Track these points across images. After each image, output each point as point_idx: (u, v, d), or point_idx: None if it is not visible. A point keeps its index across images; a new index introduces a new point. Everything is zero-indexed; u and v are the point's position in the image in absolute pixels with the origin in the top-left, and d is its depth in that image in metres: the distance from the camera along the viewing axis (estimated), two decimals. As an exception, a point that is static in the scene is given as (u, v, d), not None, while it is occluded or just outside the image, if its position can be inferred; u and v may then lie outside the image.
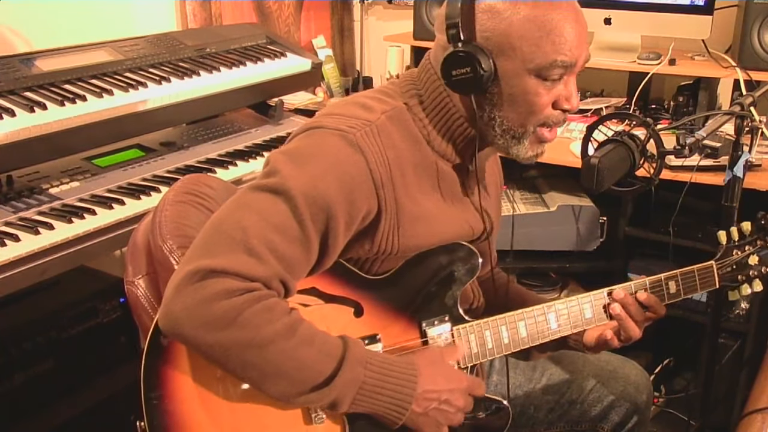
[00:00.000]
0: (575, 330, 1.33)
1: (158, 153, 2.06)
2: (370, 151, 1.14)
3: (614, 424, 1.49)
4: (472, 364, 1.28)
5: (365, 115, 1.18)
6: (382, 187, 1.14)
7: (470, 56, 1.13)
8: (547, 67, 1.13)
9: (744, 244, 1.41)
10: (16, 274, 1.49)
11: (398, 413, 1.14)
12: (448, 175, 1.25)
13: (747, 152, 1.58)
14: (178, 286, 1.05)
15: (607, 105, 2.53)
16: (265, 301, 1.06)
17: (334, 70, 3.10)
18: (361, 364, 1.11)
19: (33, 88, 1.78)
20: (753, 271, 1.40)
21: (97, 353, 1.92)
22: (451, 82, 1.16)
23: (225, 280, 1.04)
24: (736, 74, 2.28)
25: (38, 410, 1.80)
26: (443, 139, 1.23)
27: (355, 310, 1.22)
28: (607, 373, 1.51)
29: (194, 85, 2.05)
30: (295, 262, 1.10)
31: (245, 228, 1.07)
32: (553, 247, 2.40)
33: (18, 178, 1.79)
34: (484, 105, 1.18)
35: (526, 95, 1.15)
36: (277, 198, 1.09)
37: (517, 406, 1.50)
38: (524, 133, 1.19)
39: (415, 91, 1.23)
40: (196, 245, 1.09)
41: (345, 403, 1.11)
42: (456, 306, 1.27)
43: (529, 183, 2.60)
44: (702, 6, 2.35)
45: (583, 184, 1.41)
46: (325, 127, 1.15)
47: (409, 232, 1.20)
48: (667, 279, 1.36)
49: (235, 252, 1.05)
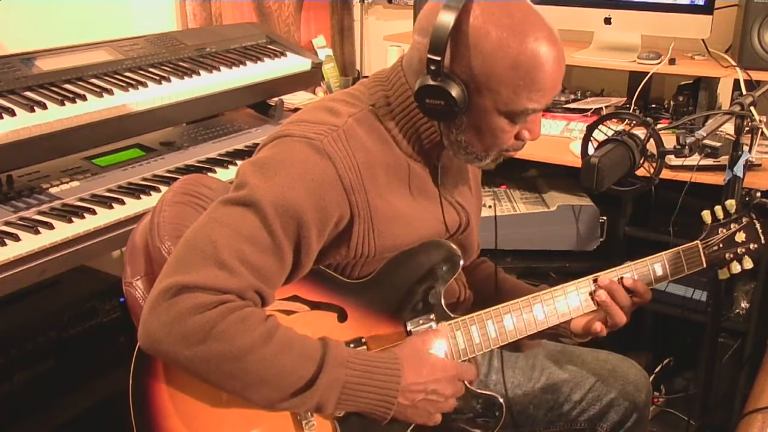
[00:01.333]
0: (562, 320, 1.33)
1: (158, 153, 2.06)
2: (338, 156, 1.14)
3: (613, 423, 1.49)
4: (462, 359, 1.28)
5: (332, 120, 1.18)
6: (352, 191, 1.15)
7: (446, 92, 1.12)
8: (519, 114, 1.16)
9: (729, 222, 1.40)
10: (16, 273, 1.49)
11: (385, 408, 1.15)
12: (418, 173, 1.26)
13: (747, 152, 1.58)
14: (152, 303, 1.06)
15: (607, 105, 2.53)
16: (239, 311, 1.06)
17: (334, 70, 3.10)
18: (342, 365, 1.12)
19: (33, 88, 1.79)
20: (741, 248, 1.39)
21: (97, 353, 1.92)
22: (424, 107, 1.16)
23: (197, 295, 1.04)
24: (736, 74, 2.28)
25: (38, 410, 1.80)
26: (409, 142, 1.23)
27: (339, 315, 1.23)
28: (606, 372, 1.51)
29: (194, 84, 2.06)
30: (268, 272, 1.10)
31: (215, 242, 1.07)
32: (553, 247, 2.40)
33: (18, 177, 1.79)
34: (451, 128, 1.20)
35: (492, 131, 1.18)
36: (246, 210, 1.10)
37: (516, 405, 1.50)
38: (486, 156, 1.22)
39: (383, 93, 1.23)
40: (169, 262, 1.10)
41: (330, 404, 1.11)
42: (440, 303, 1.27)
43: (529, 183, 2.60)
44: (702, 6, 2.35)
45: (583, 183, 1.41)
46: (292, 135, 1.16)
47: (385, 233, 1.20)
48: (653, 262, 1.36)
49: (206, 266, 1.06)
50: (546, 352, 1.56)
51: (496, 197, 2.48)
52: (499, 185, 2.56)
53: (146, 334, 1.06)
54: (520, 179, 2.62)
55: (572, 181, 2.42)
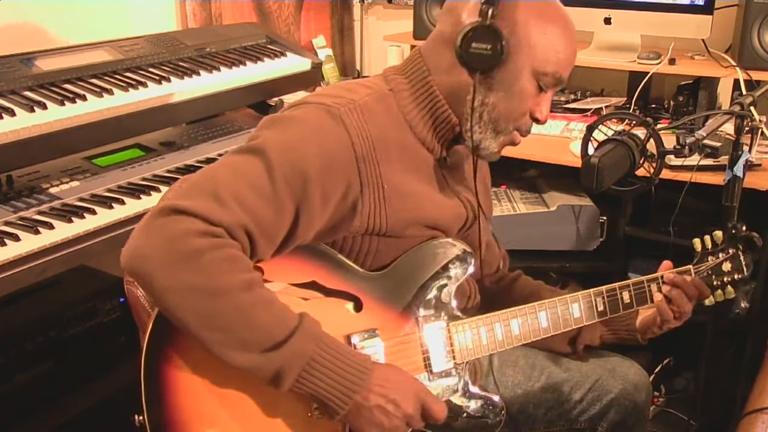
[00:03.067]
0: (565, 329, 1.37)
1: (158, 153, 2.06)
2: (353, 126, 1.16)
3: (613, 423, 1.49)
4: (468, 360, 1.30)
5: (349, 96, 1.21)
6: (363, 161, 1.16)
7: (496, 34, 1.17)
8: (548, 74, 1.23)
9: (717, 252, 1.46)
10: (16, 273, 1.49)
11: (342, 401, 1.12)
12: (429, 162, 1.28)
13: (747, 152, 1.58)
14: (146, 221, 1.07)
15: (607, 104, 2.53)
16: (229, 250, 1.06)
17: (334, 70, 3.10)
18: (313, 340, 1.10)
19: (33, 88, 1.78)
20: (726, 277, 1.46)
21: (97, 353, 1.92)
22: (467, 53, 1.19)
23: (188, 219, 1.05)
24: (736, 74, 2.28)
25: (38, 410, 1.79)
26: (425, 125, 1.26)
27: (355, 305, 1.24)
28: (606, 372, 1.51)
29: (194, 84, 2.05)
30: (263, 219, 1.09)
31: (216, 178, 1.10)
32: (553, 247, 2.40)
33: (18, 177, 1.79)
34: (481, 87, 1.22)
35: (520, 91, 1.22)
36: (253, 156, 1.12)
37: (516, 404, 1.50)
38: (504, 129, 1.25)
39: (401, 79, 1.27)
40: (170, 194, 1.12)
41: (290, 377, 1.09)
42: (450, 302, 1.29)
43: (529, 183, 2.60)
44: (702, 6, 2.35)
45: (583, 183, 1.41)
46: (310, 103, 1.19)
47: (396, 206, 1.21)
48: (649, 282, 1.42)
49: (203, 197, 1.07)
50: (545, 352, 1.56)
51: (496, 197, 2.48)
52: (499, 185, 2.56)
53: (131, 250, 1.06)
54: (520, 179, 2.62)
55: (572, 181, 2.42)
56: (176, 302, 1.05)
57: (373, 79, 1.30)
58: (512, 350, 1.52)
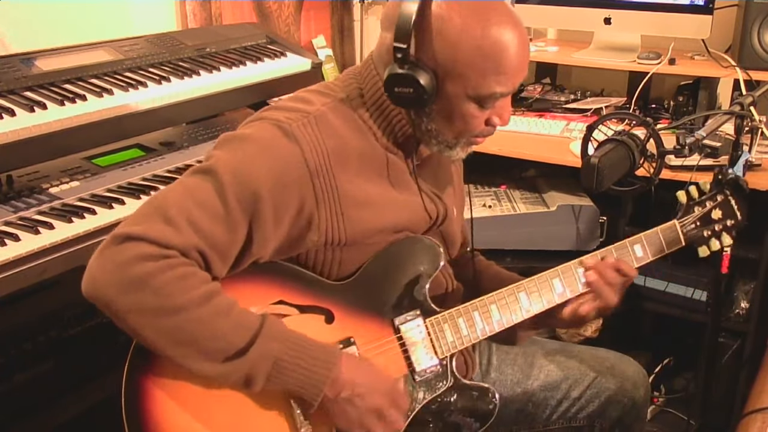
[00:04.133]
0: (549, 306, 1.34)
1: (158, 153, 2.06)
2: (306, 140, 1.16)
3: (612, 420, 1.49)
4: (451, 353, 1.29)
5: (304, 107, 1.21)
6: (317, 175, 1.16)
7: (414, 79, 1.14)
8: (487, 97, 1.17)
9: (704, 200, 1.42)
10: (16, 273, 1.49)
11: (313, 393, 1.14)
12: (396, 164, 1.27)
13: (747, 152, 1.58)
14: (100, 249, 1.09)
15: (607, 105, 2.53)
16: (181, 269, 1.07)
17: (334, 70, 3.10)
18: (277, 340, 1.12)
19: (33, 88, 1.78)
20: (717, 225, 1.42)
21: (97, 353, 1.92)
22: (393, 96, 1.18)
23: (141, 245, 1.06)
24: (736, 74, 2.28)
25: (38, 410, 1.79)
26: (384, 133, 1.25)
27: (326, 317, 1.23)
28: (604, 369, 1.51)
29: (194, 84, 2.05)
30: (215, 239, 1.10)
31: (167, 200, 1.11)
32: (553, 247, 2.40)
33: (18, 177, 1.79)
34: (422, 117, 1.21)
35: (462, 117, 1.19)
36: (205, 177, 1.13)
37: (515, 403, 1.50)
38: (456, 143, 1.24)
39: (356, 86, 1.25)
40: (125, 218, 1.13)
41: (260, 379, 1.11)
42: (426, 299, 1.28)
43: (529, 183, 2.60)
44: (702, 6, 2.36)
45: (583, 183, 1.41)
46: (263, 119, 1.19)
47: (354, 217, 1.20)
48: (632, 243, 1.38)
49: (154, 221, 1.09)
50: (544, 350, 1.56)
51: (497, 197, 2.48)
52: (499, 185, 2.56)
53: (88, 278, 1.08)
54: (520, 179, 2.62)
55: (572, 181, 2.42)
56: (138, 324, 1.08)
57: (333, 85, 1.28)
58: (510, 349, 1.53)
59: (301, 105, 1.22)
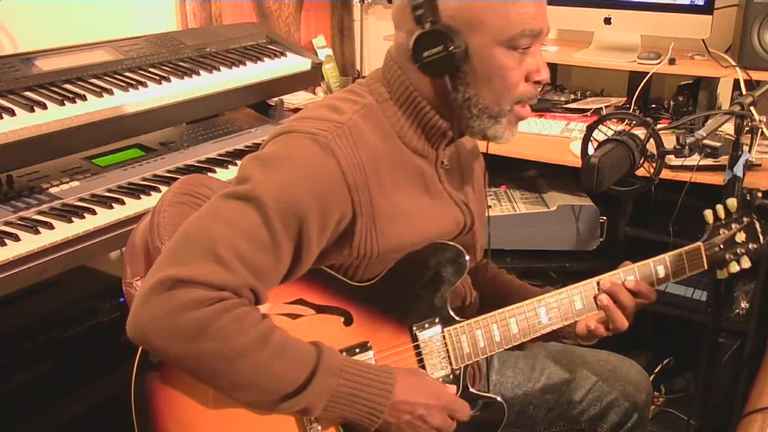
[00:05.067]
0: (566, 322, 1.32)
1: (158, 153, 2.06)
2: (343, 153, 1.13)
3: (613, 424, 1.49)
4: (465, 364, 1.28)
5: (336, 117, 1.16)
6: (356, 190, 1.13)
7: (440, 34, 1.12)
8: (516, 37, 1.13)
9: (730, 222, 1.39)
10: (16, 274, 1.49)
11: (370, 421, 1.14)
12: (423, 170, 1.24)
13: (747, 152, 1.58)
14: (146, 295, 1.04)
15: (607, 105, 2.53)
16: (236, 310, 1.05)
17: (334, 70, 3.10)
18: (334, 374, 1.11)
19: (33, 88, 1.79)
20: (740, 248, 1.38)
21: (97, 353, 1.92)
22: (424, 64, 1.15)
23: (193, 290, 1.03)
24: (736, 74, 2.28)
25: (38, 410, 1.79)
26: (415, 133, 1.22)
27: (345, 319, 1.21)
28: (606, 373, 1.51)
29: (194, 84, 2.06)
30: (265, 270, 1.08)
31: (213, 236, 1.06)
32: (553, 247, 2.40)
33: (18, 177, 1.79)
34: (457, 85, 1.17)
35: (499, 69, 1.15)
36: (247, 205, 1.08)
37: (516, 405, 1.50)
38: (500, 111, 1.19)
39: (381, 86, 1.23)
40: (164, 254, 1.08)
41: (317, 410, 1.11)
42: (446, 307, 1.26)
43: (529, 183, 2.59)
44: (702, 6, 2.35)
45: (583, 183, 1.41)
46: (296, 131, 1.14)
47: (387, 233, 1.19)
48: (656, 263, 1.36)
49: (204, 261, 1.04)
50: (546, 352, 1.56)
51: (497, 197, 2.48)
52: (499, 185, 2.56)
53: (136, 327, 1.04)
54: (520, 179, 2.61)
55: (572, 181, 2.42)
56: (193, 367, 1.06)
57: (358, 89, 1.25)
58: (511, 351, 1.52)
59: (333, 114, 1.17)
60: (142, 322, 1.04)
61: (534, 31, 1.14)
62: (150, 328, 1.03)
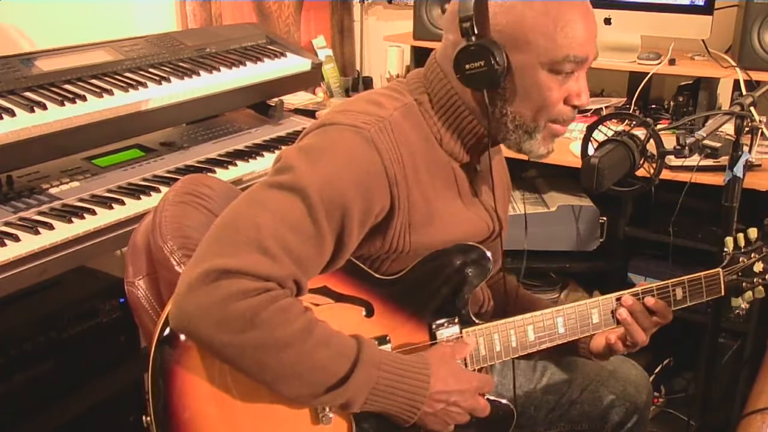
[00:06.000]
0: (582, 335, 1.33)
1: (158, 153, 2.06)
2: (385, 147, 1.13)
3: (614, 424, 1.49)
4: (480, 366, 1.28)
5: (378, 112, 1.17)
6: (396, 184, 1.14)
7: (484, 50, 1.12)
8: (560, 61, 1.13)
9: (750, 251, 1.40)
10: (16, 274, 1.49)
11: (410, 413, 1.15)
12: (457, 174, 1.25)
13: (747, 152, 1.58)
14: (191, 284, 1.03)
15: (607, 105, 2.53)
16: (281, 301, 1.05)
17: (334, 70, 3.10)
18: (375, 366, 1.11)
19: (33, 88, 1.78)
20: (757, 278, 1.39)
21: (97, 353, 1.92)
22: (465, 76, 1.15)
23: (240, 281, 1.02)
24: (736, 74, 2.28)
25: (38, 410, 1.79)
26: (452, 137, 1.23)
27: (366, 310, 1.22)
28: (606, 373, 1.51)
29: (194, 85, 2.05)
30: (308, 261, 1.09)
31: (259, 226, 1.05)
32: (553, 247, 2.40)
33: (18, 178, 1.79)
34: (495, 100, 1.18)
35: (539, 89, 1.15)
36: (292, 196, 1.08)
37: (517, 406, 1.49)
38: (536, 128, 1.19)
39: (424, 89, 1.23)
40: (209, 242, 1.07)
41: (357, 404, 1.11)
42: (466, 308, 1.26)
43: (529, 183, 2.60)
44: (702, 6, 2.35)
45: (583, 184, 1.41)
46: (339, 123, 1.15)
47: (421, 231, 1.19)
48: (674, 285, 1.36)
49: (250, 251, 1.04)
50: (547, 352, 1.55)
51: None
52: (499, 185, 2.56)
53: (181, 316, 1.04)
54: (520, 179, 2.61)
55: (572, 181, 2.42)
56: (237, 358, 1.05)
57: (398, 87, 1.25)
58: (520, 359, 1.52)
59: (375, 108, 1.18)
60: (188, 312, 1.03)
61: (579, 58, 1.14)
62: (197, 318, 1.03)
